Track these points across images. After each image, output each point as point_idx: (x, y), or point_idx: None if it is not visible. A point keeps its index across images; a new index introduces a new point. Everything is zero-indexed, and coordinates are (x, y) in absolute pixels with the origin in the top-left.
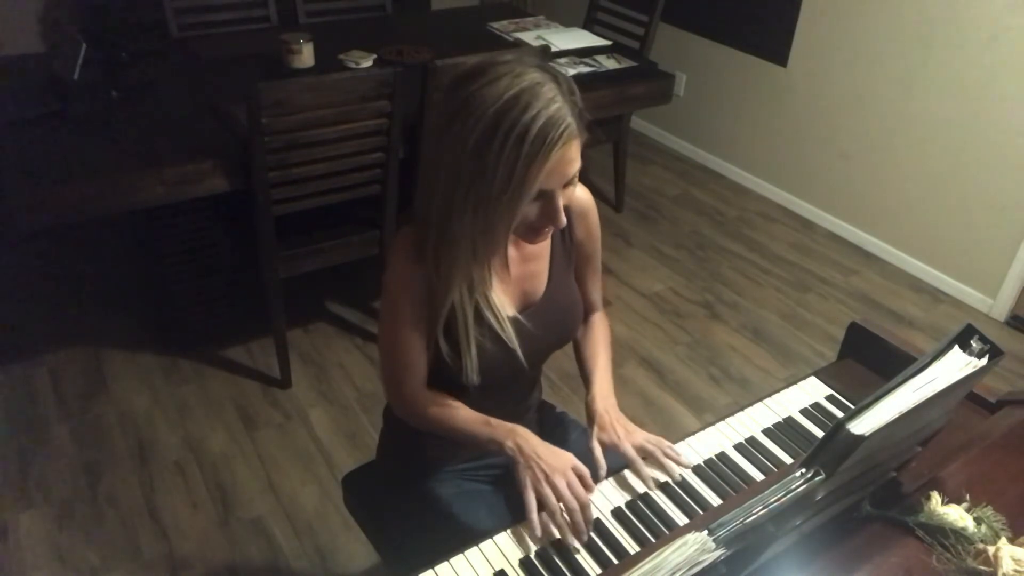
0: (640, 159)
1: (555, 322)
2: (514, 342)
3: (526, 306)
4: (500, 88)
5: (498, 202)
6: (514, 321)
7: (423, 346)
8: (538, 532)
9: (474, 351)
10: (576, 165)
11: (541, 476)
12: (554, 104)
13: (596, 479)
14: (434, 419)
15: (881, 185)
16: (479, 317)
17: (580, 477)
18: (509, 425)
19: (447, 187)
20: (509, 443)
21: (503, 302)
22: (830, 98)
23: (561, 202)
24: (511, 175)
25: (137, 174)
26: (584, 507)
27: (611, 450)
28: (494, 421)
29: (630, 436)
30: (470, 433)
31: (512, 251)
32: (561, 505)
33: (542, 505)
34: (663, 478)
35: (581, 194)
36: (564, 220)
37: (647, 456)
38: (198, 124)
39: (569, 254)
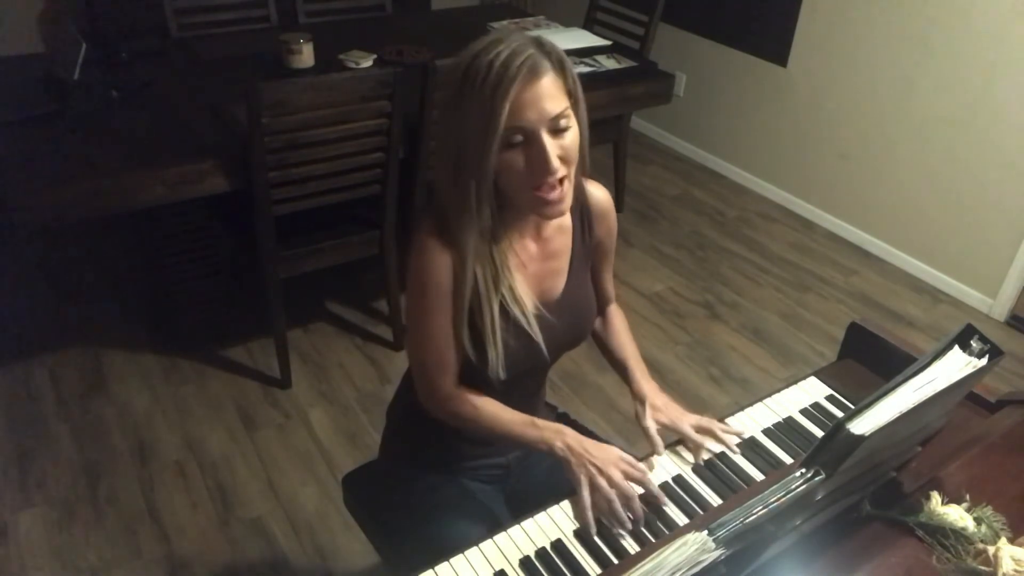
0: (640, 159)
1: (573, 319)
2: (539, 336)
3: (545, 303)
4: (474, 47)
5: (478, 143)
6: (538, 316)
7: (453, 342)
8: (593, 530)
9: (500, 347)
10: (555, 103)
11: (595, 471)
12: (517, 43)
13: (657, 453)
14: (474, 419)
15: (881, 185)
16: (504, 313)
17: (630, 465)
18: (556, 426)
19: (444, 154)
20: (559, 443)
21: (527, 297)
22: (830, 98)
23: (550, 148)
24: (482, 110)
25: (137, 174)
26: (632, 497)
27: (669, 430)
28: (540, 422)
29: (685, 417)
30: (514, 434)
31: (534, 247)
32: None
33: (596, 502)
34: (719, 449)
35: (600, 194)
36: (556, 166)
37: (706, 433)
38: (198, 124)
39: (588, 253)
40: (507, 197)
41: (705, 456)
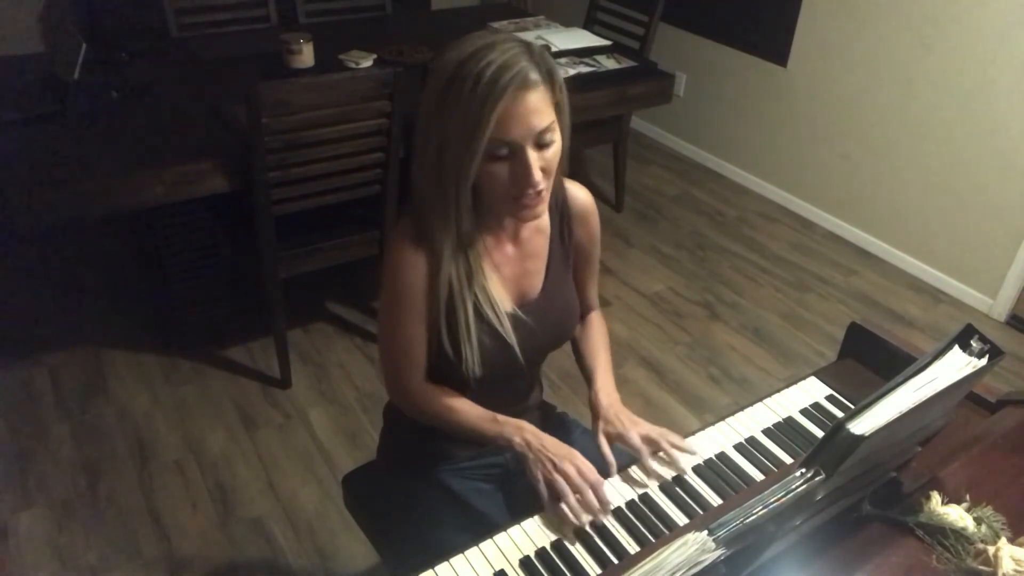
0: (640, 159)
1: (552, 321)
2: (512, 337)
3: (523, 304)
4: (464, 48)
5: (461, 151)
6: (512, 317)
7: (424, 337)
8: (560, 516)
9: (475, 342)
10: (541, 118)
11: (550, 466)
12: (510, 53)
13: (607, 475)
14: (437, 413)
15: (881, 185)
16: (478, 313)
17: (586, 467)
18: (516, 421)
19: (424, 157)
20: (517, 439)
21: (501, 297)
22: (830, 98)
23: (534, 162)
24: (466, 119)
25: (137, 174)
26: (596, 486)
27: (617, 441)
28: (501, 417)
29: (636, 426)
30: (476, 429)
31: (511, 249)
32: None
33: (554, 493)
34: (669, 474)
35: (582, 196)
36: (538, 180)
37: (653, 444)
38: (198, 124)
39: (567, 255)
40: (484, 199)
41: (656, 481)
